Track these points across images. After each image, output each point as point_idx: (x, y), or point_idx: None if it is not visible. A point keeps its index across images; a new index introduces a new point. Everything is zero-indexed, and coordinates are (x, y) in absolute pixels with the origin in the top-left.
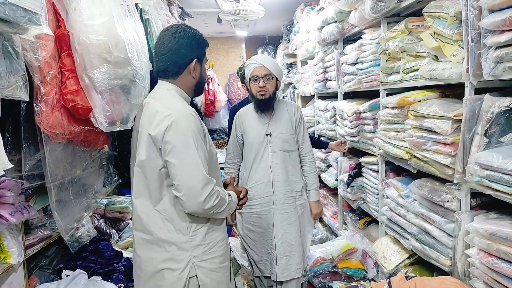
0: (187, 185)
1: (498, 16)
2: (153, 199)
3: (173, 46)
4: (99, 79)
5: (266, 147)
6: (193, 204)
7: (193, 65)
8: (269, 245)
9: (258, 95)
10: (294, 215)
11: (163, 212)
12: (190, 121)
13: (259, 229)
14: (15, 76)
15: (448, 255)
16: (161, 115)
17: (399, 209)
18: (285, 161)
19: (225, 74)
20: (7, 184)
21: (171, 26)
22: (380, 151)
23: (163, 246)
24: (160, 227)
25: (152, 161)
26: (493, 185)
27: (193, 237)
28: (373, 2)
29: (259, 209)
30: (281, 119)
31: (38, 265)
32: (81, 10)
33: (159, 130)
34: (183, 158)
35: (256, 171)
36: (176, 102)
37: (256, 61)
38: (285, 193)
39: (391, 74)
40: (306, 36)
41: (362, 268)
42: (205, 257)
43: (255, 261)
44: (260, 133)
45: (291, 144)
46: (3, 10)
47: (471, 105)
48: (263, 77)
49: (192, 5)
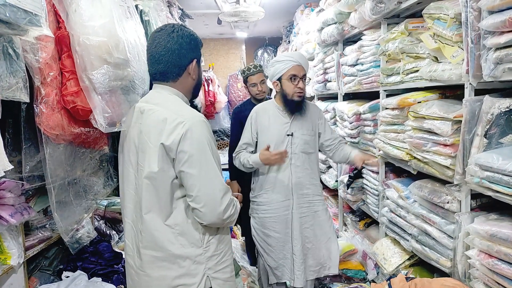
0: (207, 196)
1: (497, 18)
2: (164, 213)
3: (172, 46)
4: (99, 80)
5: (287, 148)
6: (213, 215)
7: (193, 66)
8: (287, 250)
9: (295, 96)
10: (313, 219)
11: (174, 226)
12: (204, 129)
13: (277, 234)
14: (16, 78)
15: (449, 256)
16: (172, 123)
17: (399, 210)
18: (305, 163)
19: (225, 75)
20: (8, 185)
21: (165, 25)
22: (380, 152)
23: (176, 262)
24: (172, 242)
25: (165, 172)
26: (493, 186)
27: (207, 248)
28: (373, 4)
29: (276, 214)
30: (303, 119)
31: (38, 266)
32: (81, 12)
33: (173, 139)
34: (201, 167)
35: (274, 173)
36: (184, 107)
37: (295, 59)
38: (305, 196)
39: (391, 75)
40: (306, 38)
41: (363, 269)
42: (218, 267)
43: (272, 267)
44: (280, 132)
45: (311, 145)
46: (4, 11)
47: (471, 106)
48: (302, 77)
49: (192, 7)
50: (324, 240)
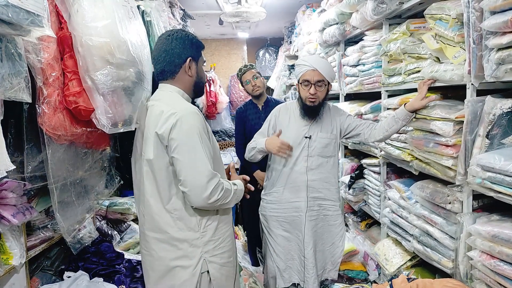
0: (192, 180)
1: (499, 18)
2: (163, 198)
3: (167, 47)
4: (102, 81)
5: (304, 150)
6: (199, 198)
7: (188, 64)
8: (296, 252)
9: (307, 101)
10: (321, 222)
11: (173, 211)
12: (194, 119)
13: (287, 234)
14: (18, 78)
15: (450, 257)
16: (166, 114)
17: (401, 211)
18: (321, 167)
19: (226, 75)
20: (10, 186)
21: (168, 31)
22: (382, 152)
23: (174, 245)
24: (171, 226)
25: (160, 159)
26: (495, 187)
27: (204, 233)
28: (374, 4)
29: (287, 214)
30: (323, 122)
31: (40, 266)
32: (84, 12)
33: (165, 128)
34: (188, 154)
35: (288, 175)
36: (180, 101)
37: (310, 63)
38: (316, 200)
39: (392, 75)
40: (308, 38)
41: (364, 270)
42: (215, 252)
43: (280, 269)
44: (298, 134)
45: (330, 149)
46: (6, 12)
47: (473, 106)
48: (315, 83)
49: (193, 7)
50: (328, 244)
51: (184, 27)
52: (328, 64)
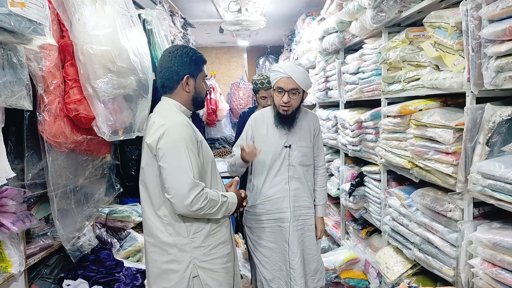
0: (174, 188)
1: (498, 26)
2: (155, 204)
3: (167, 64)
4: (103, 89)
5: (285, 160)
6: (181, 206)
7: (185, 81)
8: (283, 262)
9: (280, 109)
10: (307, 231)
11: (163, 217)
12: (182, 130)
13: (272, 245)
14: (19, 86)
15: (451, 265)
16: (157, 125)
17: (401, 219)
18: (303, 175)
19: (227, 83)
20: (9, 193)
21: (172, 46)
22: (382, 160)
23: (164, 249)
24: (162, 231)
25: (150, 167)
26: (495, 194)
27: (193, 239)
28: (373, 12)
29: (271, 224)
30: (301, 130)
31: (39, 274)
32: (85, 21)
33: (153, 138)
34: (172, 163)
35: (270, 185)
36: (173, 114)
37: (284, 71)
38: (302, 209)
39: (392, 83)
40: (308, 46)
41: (365, 278)
42: (205, 258)
43: (267, 280)
44: (278, 144)
45: (309, 157)
46: (8, 21)
47: (473, 114)
48: (289, 91)
49: (194, 16)
50: (314, 253)
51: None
52: (304, 72)
